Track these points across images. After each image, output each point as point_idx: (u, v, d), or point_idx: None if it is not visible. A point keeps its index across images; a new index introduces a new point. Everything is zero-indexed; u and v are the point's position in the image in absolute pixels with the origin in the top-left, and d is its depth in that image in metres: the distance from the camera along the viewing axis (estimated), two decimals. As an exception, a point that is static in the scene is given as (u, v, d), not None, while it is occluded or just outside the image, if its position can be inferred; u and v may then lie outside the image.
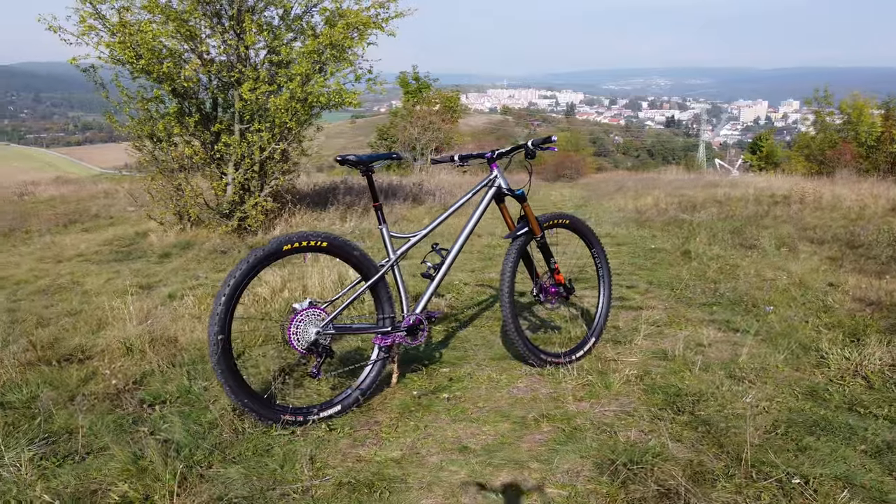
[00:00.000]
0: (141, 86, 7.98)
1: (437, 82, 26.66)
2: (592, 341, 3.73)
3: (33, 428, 2.82)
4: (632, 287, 5.48)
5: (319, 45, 7.56)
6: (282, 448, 2.63)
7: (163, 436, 2.73)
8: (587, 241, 3.84)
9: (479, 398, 3.15)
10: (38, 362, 3.62)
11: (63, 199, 13.50)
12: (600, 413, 2.94)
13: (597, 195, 14.61)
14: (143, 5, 7.36)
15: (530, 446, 2.64)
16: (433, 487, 2.34)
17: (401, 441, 2.71)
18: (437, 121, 25.26)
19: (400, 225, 9.04)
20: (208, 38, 8.09)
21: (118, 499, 2.22)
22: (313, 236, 2.85)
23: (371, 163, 3.06)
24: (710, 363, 3.50)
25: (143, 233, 8.57)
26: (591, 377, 3.33)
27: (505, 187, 3.44)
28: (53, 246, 8.23)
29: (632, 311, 4.67)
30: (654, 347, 3.79)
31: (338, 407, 2.93)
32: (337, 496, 2.29)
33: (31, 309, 5.13)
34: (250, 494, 2.29)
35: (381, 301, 3.09)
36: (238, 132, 8.29)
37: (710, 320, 4.39)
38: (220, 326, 2.65)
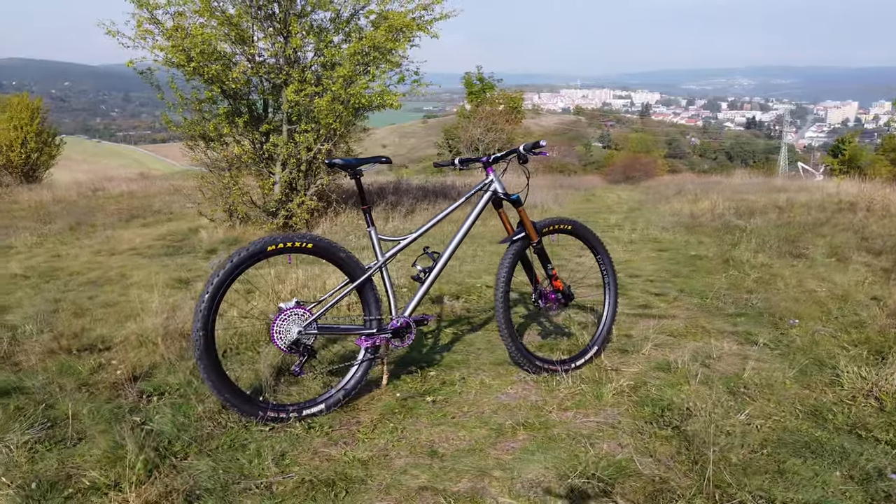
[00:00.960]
0: (194, 87, 8.30)
1: (502, 83, 26.60)
2: (594, 350, 3.66)
3: (37, 413, 2.98)
4: (661, 295, 5.33)
5: (362, 47, 7.67)
6: (257, 444, 2.70)
7: (152, 426, 2.84)
8: (591, 248, 3.77)
9: (466, 403, 3.14)
10: (60, 351, 3.83)
11: (131, 195, 14.18)
12: (582, 424, 2.88)
13: (655, 198, 14.25)
14: (196, 10, 7.65)
15: (500, 454, 2.61)
16: (391, 490, 2.36)
17: (374, 442, 2.74)
18: (501, 121, 25.22)
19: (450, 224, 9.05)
20: (259, 40, 8.34)
21: (88, 484, 2.33)
22: (298, 238, 2.90)
23: (358, 166, 3.10)
24: (712, 377, 3.37)
25: (195, 229, 8.91)
26: (584, 386, 3.27)
27: (501, 192, 3.42)
28: (111, 240, 8.65)
29: (651, 320, 4.54)
30: (660, 358, 3.69)
31: (321, 406, 2.98)
32: (296, 493, 2.34)
33: (74, 299, 5.42)
34: (214, 487, 2.36)
35: (367, 303, 3.12)
36: (286, 132, 8.52)
37: (730, 332, 4.23)
38: (202, 323, 2.74)
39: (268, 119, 8.62)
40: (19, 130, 22.43)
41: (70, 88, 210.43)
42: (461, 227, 3.39)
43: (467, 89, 26.53)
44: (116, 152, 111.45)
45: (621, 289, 5.53)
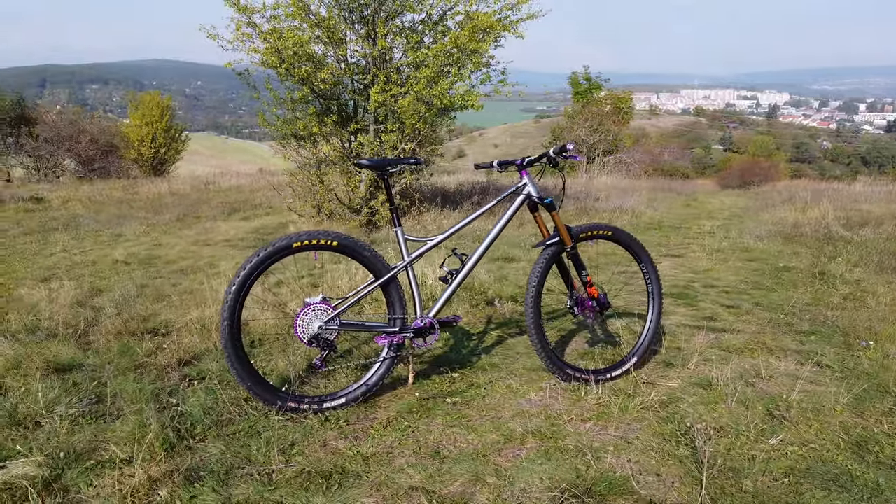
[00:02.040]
0: (288, 88, 8.68)
1: (609, 82, 25.98)
2: (633, 361, 3.53)
3: (89, 389, 3.24)
4: (732, 307, 5.05)
5: (446, 48, 7.74)
6: (272, 432, 2.81)
7: (183, 408, 3.02)
8: (634, 255, 3.63)
9: (486, 406, 3.12)
10: (126, 333, 4.13)
11: (239, 189, 14.99)
12: (596, 436, 2.80)
13: (760, 205, 13.46)
14: (289, 14, 7.99)
15: (502, 461, 2.58)
16: (382, 487, 2.39)
17: (382, 439, 2.78)
18: (607, 122, 24.65)
19: (514, 228, 8.96)
20: (350, 42, 8.60)
21: (107, 457, 2.52)
22: (324, 235, 2.99)
23: (386, 167, 3.15)
24: (755, 397, 3.17)
25: (286, 223, 9.32)
26: (612, 398, 3.16)
27: (535, 195, 3.36)
28: (209, 231, 9.20)
29: (712, 333, 4.32)
30: (704, 374, 3.50)
31: (341, 400, 3.06)
32: (291, 483, 2.42)
33: (159, 285, 5.82)
34: (218, 470, 2.48)
35: (392, 302, 3.17)
36: (373, 132, 8.74)
37: (794, 350, 3.96)
38: (228, 314, 2.88)
39: (356, 119, 8.87)
40: (150, 127, 24.23)
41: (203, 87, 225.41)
42: (492, 229, 3.36)
43: (573, 89, 26.11)
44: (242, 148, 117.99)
45: (691, 299, 5.30)
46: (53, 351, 3.81)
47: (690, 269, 6.58)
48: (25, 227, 10.19)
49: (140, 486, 2.31)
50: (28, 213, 11.87)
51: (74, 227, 10.11)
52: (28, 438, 2.74)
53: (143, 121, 24.13)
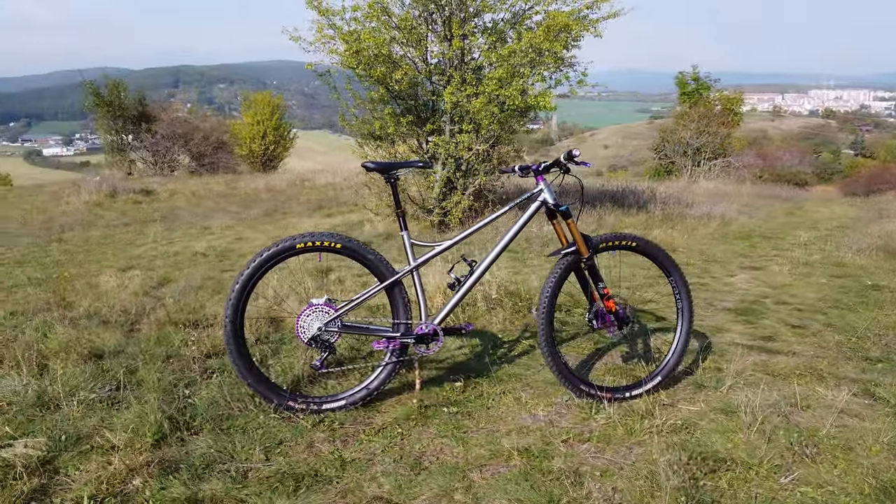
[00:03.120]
0: (368, 88, 8.83)
1: (719, 82, 24.75)
2: (656, 381, 3.32)
3: (117, 375, 3.42)
4: (798, 327, 4.66)
5: (517, 49, 7.62)
6: (265, 430, 2.85)
7: (193, 400, 3.12)
8: (663, 268, 3.40)
9: (486, 418, 3.03)
10: (170, 323, 4.33)
11: (333, 186, 15.43)
12: (589, 459, 2.65)
13: (874, 216, 12.38)
14: (366, 15, 8.12)
15: (479, 477, 2.49)
16: (347, 494, 2.37)
17: (369, 445, 2.76)
18: (715, 123, 23.49)
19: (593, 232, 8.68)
20: (431, 43, 8.64)
21: (101, 443, 2.64)
22: (328, 237, 3.01)
23: (391, 170, 3.12)
24: (782, 428, 2.90)
25: (362, 221, 9.50)
26: (624, 419, 2.99)
27: (551, 202, 3.22)
28: (291, 227, 9.54)
29: (764, 355, 4.01)
30: (735, 399, 3.24)
31: (342, 402, 3.07)
32: (264, 482, 2.44)
33: (225, 279, 6.08)
34: (196, 464, 2.54)
35: (395, 306, 3.14)
36: (448, 133, 8.75)
37: (851, 378, 3.60)
38: (231, 312, 2.95)
39: (432, 119, 8.91)
40: (260, 125, 25.42)
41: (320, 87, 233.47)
42: (504, 236, 3.26)
43: (679, 90, 25.07)
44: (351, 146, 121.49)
45: (755, 316, 4.94)
46: (101, 337, 4.05)
47: (767, 284, 6.14)
48: (129, 218, 10.96)
49: (117, 474, 2.40)
50: (136, 204, 12.76)
51: (171, 219, 10.76)
52: (45, 420, 2.92)
53: (255, 119, 25.37)
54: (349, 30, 8.28)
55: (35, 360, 3.58)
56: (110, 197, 13.17)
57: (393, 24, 8.35)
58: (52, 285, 5.50)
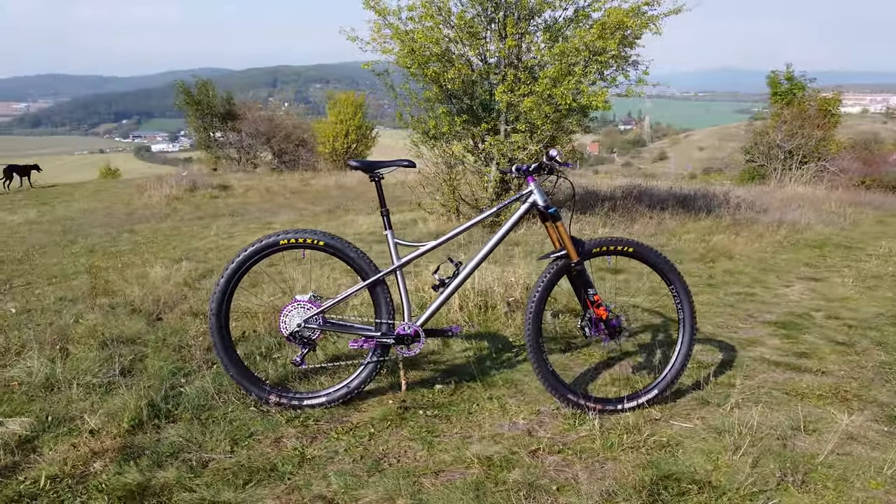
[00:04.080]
0: (425, 87, 8.86)
1: (815, 82, 23.32)
2: (652, 394, 3.15)
3: (124, 361, 3.57)
4: (842, 344, 4.33)
5: (574, 45, 7.44)
6: (239, 422, 2.90)
7: (185, 390, 3.22)
8: (663, 276, 3.22)
9: (463, 423, 2.97)
10: (192, 314, 4.48)
11: (403, 184, 15.53)
12: (551, 473, 2.54)
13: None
14: (422, 15, 8.15)
15: (430, 484, 2.44)
16: (293, 492, 2.37)
17: (335, 444, 2.75)
18: (809, 125, 22.19)
19: (640, 237, 8.36)
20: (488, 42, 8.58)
21: (80, 426, 2.76)
22: (311, 234, 3.02)
23: (376, 168, 3.10)
24: (777, 452, 2.69)
25: (416, 220, 9.54)
26: (606, 432, 2.86)
27: (541, 204, 3.11)
28: (348, 224, 9.69)
29: (789, 372, 3.74)
30: (736, 418, 3.03)
31: (322, 399, 3.08)
32: (219, 473, 2.48)
33: (266, 272, 6.23)
34: (160, 451, 2.61)
35: (378, 306, 3.12)
36: (503, 132, 8.66)
37: (879, 403, 3.30)
38: (216, 306, 3.02)
39: (487, 118, 8.84)
40: (343, 123, 26.04)
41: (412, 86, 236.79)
42: (491, 238, 3.18)
43: (771, 90, 23.78)
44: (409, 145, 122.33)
45: (797, 330, 4.63)
46: (126, 325, 4.24)
47: (823, 297, 5.73)
48: (201, 212, 11.46)
49: (81, 457, 2.50)
50: (212, 199, 13.32)
51: (239, 214, 11.17)
52: (45, 400, 3.08)
53: (338, 118, 26.02)
54: (405, 29, 8.33)
55: (57, 344, 3.78)
56: (189, 191, 13.81)
57: (450, 23, 8.34)
58: (102, 274, 5.81)
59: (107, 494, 2.28)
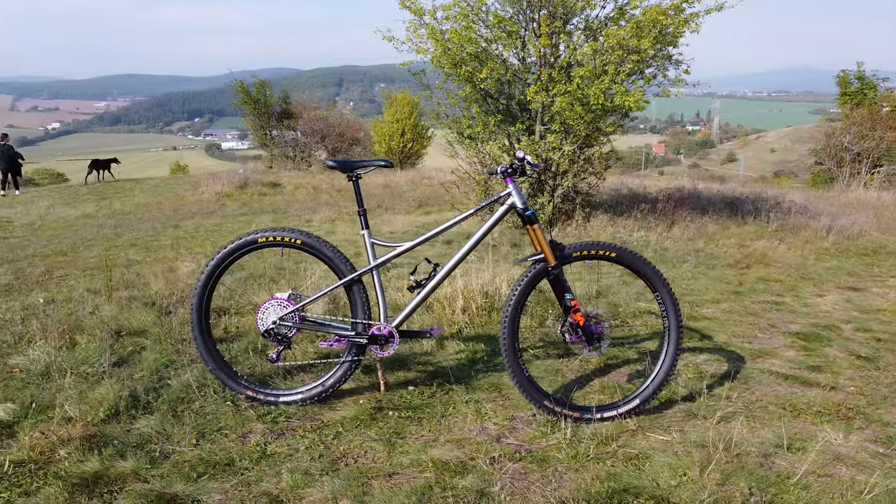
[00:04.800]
0: (458, 87, 8.85)
1: (887, 81, 22.15)
2: (633, 404, 3.05)
3: (124, 352, 3.69)
4: (864, 359, 4.09)
5: (602, 46, 7.29)
6: (212, 416, 2.96)
7: (172, 382, 3.30)
8: (648, 282, 3.11)
9: (434, 426, 2.94)
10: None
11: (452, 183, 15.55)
12: (508, 481, 2.48)
13: None
14: (458, 14, 8.13)
15: (379, 486, 2.43)
16: (242, 487, 2.40)
17: (297, 442, 2.77)
18: (881, 127, 21.10)
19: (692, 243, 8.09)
20: (521, 41, 8.50)
21: (57, 413, 2.86)
22: (289, 233, 3.06)
23: (355, 168, 3.10)
24: (752, 470, 2.56)
25: (438, 222, 9.51)
26: (577, 441, 2.79)
27: (519, 206, 3.05)
28: (385, 223, 9.77)
29: (795, 387, 3.55)
30: (718, 432, 2.90)
31: (297, 396, 3.10)
32: (177, 465, 2.53)
33: (291, 268, 6.35)
34: (130, 441, 2.68)
35: (354, 305, 3.12)
36: (538, 133, 8.56)
37: (885, 423, 3.10)
38: (197, 301, 3.08)
39: (523, 118, 8.75)
40: (399, 123, 26.28)
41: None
42: (469, 239, 3.13)
43: (841, 90, 22.73)
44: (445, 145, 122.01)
45: (818, 342, 4.40)
46: (137, 317, 4.38)
47: (858, 308, 5.43)
48: (247, 209, 11.74)
49: (48, 445, 2.59)
50: (261, 196, 13.64)
51: (283, 211, 11.39)
52: (38, 388, 3.21)
53: (394, 117, 26.27)
54: (440, 29, 8.32)
55: (66, 335, 3.94)
56: (240, 188, 14.18)
57: (487, 22, 8.29)
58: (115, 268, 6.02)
59: (62, 481, 2.36)
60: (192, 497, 2.32)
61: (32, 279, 6.11)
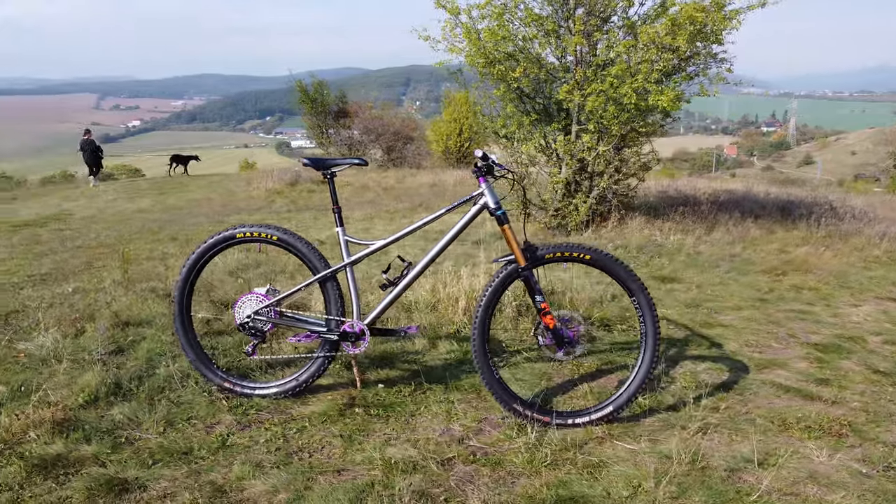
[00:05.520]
0: (493, 86, 8.80)
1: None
2: (605, 411, 2.96)
3: (125, 341, 3.83)
4: (882, 374, 3.86)
5: (634, 44, 7.11)
6: (187, 405, 3.04)
7: (157, 371, 3.41)
8: (624, 287, 3.01)
9: (397, 425, 2.93)
10: (210, 301, 4.72)
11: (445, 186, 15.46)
12: (453, 484, 2.46)
13: None
14: (493, 13, 8.08)
15: (322, 482, 2.44)
16: (188, 476, 2.45)
17: (263, 434, 2.81)
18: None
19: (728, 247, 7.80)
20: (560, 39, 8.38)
21: (35, 397, 2.99)
22: (265, 229, 3.11)
23: (331, 167, 3.13)
24: (713, 484, 2.46)
25: (485, 221, 9.46)
26: (539, 447, 2.73)
27: (492, 205, 3.02)
28: (420, 221, 9.76)
29: (794, 400, 3.39)
30: (692, 444, 2.79)
31: (273, 389, 3.16)
32: (137, 451, 2.63)
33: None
34: (101, 427, 2.79)
35: (328, 301, 3.15)
36: (574, 133, 8.43)
37: (879, 442, 2.93)
38: (178, 294, 3.18)
39: (559, 118, 8.63)
40: (457, 122, 26.31)
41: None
42: (442, 238, 3.12)
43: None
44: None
45: (836, 354, 4.19)
46: (149, 308, 4.54)
47: (893, 320, 5.14)
48: (292, 205, 11.99)
49: (20, 427, 2.71)
50: (309, 193, 13.90)
51: (325, 208, 11.57)
52: (35, 372, 3.37)
53: (453, 116, 26.33)
54: (475, 28, 8.30)
55: (78, 323, 4.12)
56: (290, 185, 14.50)
57: (521, 20, 8.22)
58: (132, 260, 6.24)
59: (24, 462, 2.47)
60: (141, 483, 2.39)
61: (71, 269, 6.41)
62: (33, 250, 7.81)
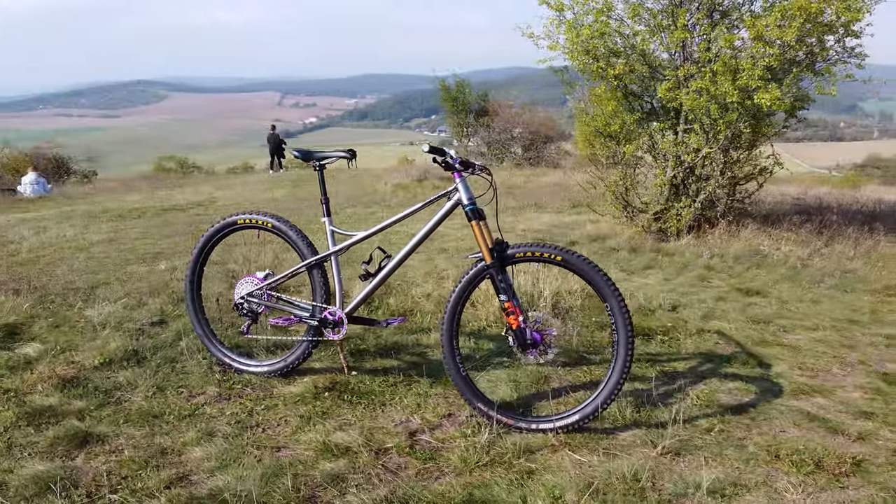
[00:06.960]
0: (593, 83, 8.54)
1: None
2: (572, 419, 2.84)
3: (170, 314, 4.22)
4: None
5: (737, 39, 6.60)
6: (186, 374, 3.32)
7: (180, 343, 3.73)
8: (597, 291, 2.85)
9: (363, 412, 3.00)
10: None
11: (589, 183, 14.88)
12: (373, 472, 2.49)
13: None
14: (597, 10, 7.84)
15: (252, 457, 2.57)
16: (144, 439, 2.68)
17: (234, 407, 3.00)
18: None
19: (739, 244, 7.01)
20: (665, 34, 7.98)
21: (66, 356, 3.38)
22: (262, 216, 3.32)
23: (321, 160, 3.24)
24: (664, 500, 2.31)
25: (585, 221, 9.18)
26: (491, 448, 2.69)
27: (465, 201, 2.99)
28: (530, 219, 9.66)
29: (813, 432, 3.04)
30: (638, 463, 2.61)
31: (264, 368, 3.35)
32: (117, 412, 2.91)
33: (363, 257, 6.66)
34: (102, 386, 3.12)
35: (314, 288, 3.27)
36: (681, 132, 8.00)
37: (887, 487, 2.57)
38: (190, 272, 3.47)
39: (665, 117, 8.22)
40: (605, 124, 25.68)
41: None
42: (419, 232, 3.13)
43: None
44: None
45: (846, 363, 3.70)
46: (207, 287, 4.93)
47: None
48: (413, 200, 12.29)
49: (33, 380, 3.10)
50: (434, 189, 14.15)
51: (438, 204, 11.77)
52: (81, 335, 3.82)
53: (596, 115, 25.73)
54: (578, 24, 8.10)
55: (142, 296, 4.59)
56: (417, 181, 14.89)
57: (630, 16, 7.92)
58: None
59: (20, 409, 2.83)
60: (101, 437, 2.66)
61: (180, 250, 7.07)
62: (163, 231, 8.68)
